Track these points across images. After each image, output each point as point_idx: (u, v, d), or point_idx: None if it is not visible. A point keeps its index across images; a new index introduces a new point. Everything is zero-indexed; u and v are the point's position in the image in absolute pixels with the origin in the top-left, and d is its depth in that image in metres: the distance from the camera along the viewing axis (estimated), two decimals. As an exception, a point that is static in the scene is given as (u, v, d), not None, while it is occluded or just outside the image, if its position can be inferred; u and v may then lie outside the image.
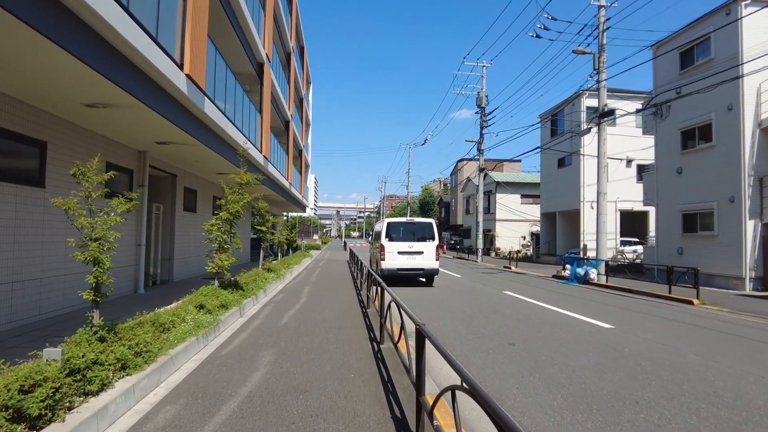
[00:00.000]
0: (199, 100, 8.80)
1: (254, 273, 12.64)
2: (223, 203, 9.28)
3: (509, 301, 11.70)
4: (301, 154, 32.08)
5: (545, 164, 30.99)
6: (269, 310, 9.47)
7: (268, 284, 12.27)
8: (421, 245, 14.43)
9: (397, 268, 14.28)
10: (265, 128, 16.13)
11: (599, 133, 17.48)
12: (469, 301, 11.70)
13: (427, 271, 14.46)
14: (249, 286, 10.62)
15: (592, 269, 16.98)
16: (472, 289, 14.49)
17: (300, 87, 29.68)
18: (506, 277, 19.50)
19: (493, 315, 9.60)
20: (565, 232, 28.83)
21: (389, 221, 14.77)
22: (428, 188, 77.09)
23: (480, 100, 30.84)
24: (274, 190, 20.25)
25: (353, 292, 12.70)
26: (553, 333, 7.92)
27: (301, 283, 14.61)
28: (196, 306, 7.39)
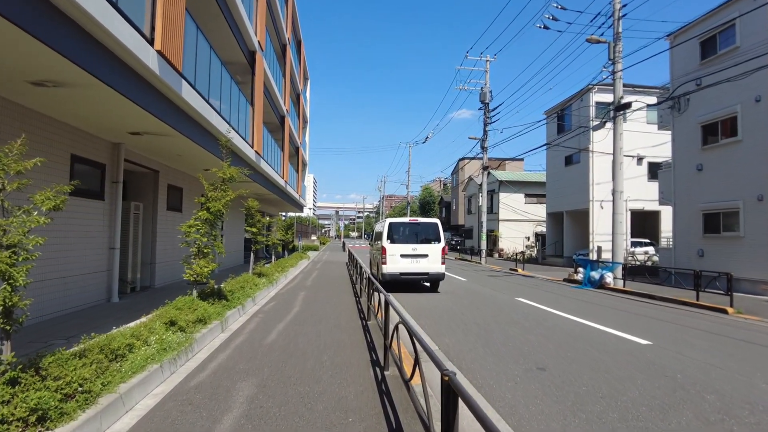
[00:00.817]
0: (176, 83, 7.65)
1: (243, 279, 11.50)
2: (203, 201, 8.13)
3: (525, 310, 10.57)
4: (298, 152, 30.93)
5: (551, 162, 29.87)
6: (256, 323, 8.32)
7: (258, 291, 11.13)
8: (426, 247, 13.30)
9: (399, 272, 13.14)
10: (257, 122, 14.99)
11: (615, 128, 16.36)
12: (481, 309, 10.56)
13: (433, 276, 13.33)
14: (235, 294, 9.47)
15: (607, 273, 15.86)
16: (481, 295, 13.36)
17: (296, 82, 28.54)
18: (514, 280, 18.38)
19: (511, 327, 8.46)
20: (572, 232, 27.72)
21: (391, 221, 13.63)
22: (428, 188, 75.98)
23: (484, 95, 29.73)
24: (268, 188, 19.10)
25: (352, 298, 11.56)
26: (585, 352, 6.79)
27: (296, 289, 13.46)
28: (166, 322, 6.25)
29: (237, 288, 10.27)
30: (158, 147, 10.47)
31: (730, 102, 15.37)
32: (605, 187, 25.23)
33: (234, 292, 9.61)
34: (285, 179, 22.38)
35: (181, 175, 13.93)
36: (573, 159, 27.21)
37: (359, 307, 10.21)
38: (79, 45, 5.26)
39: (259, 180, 16.64)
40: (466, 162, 51.12)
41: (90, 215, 9.11)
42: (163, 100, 7.81)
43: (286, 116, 22.74)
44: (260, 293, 11.25)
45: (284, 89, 22.65)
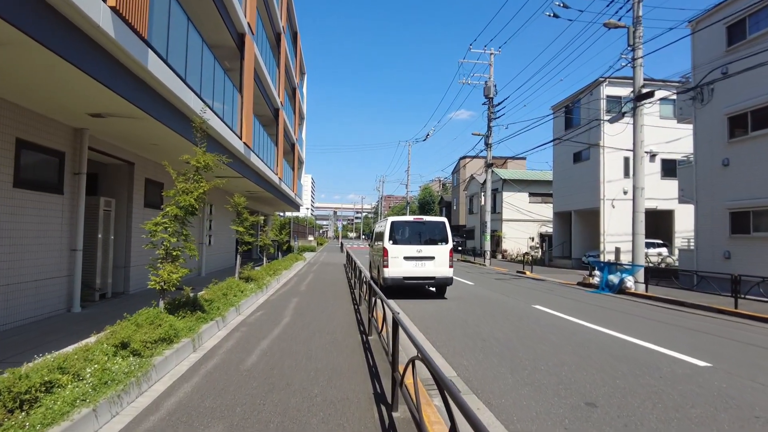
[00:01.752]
0: (139, 52, 6.36)
1: (227, 284, 10.19)
2: (171, 194, 6.83)
3: (547, 321, 9.29)
4: (294, 149, 29.63)
5: (558, 159, 28.63)
6: (237, 339, 7.02)
7: (244, 298, 9.83)
8: (432, 249, 12.02)
9: (402, 276, 11.85)
10: (246, 111, 13.69)
11: (635, 119, 15.12)
12: (497, 320, 9.28)
13: (439, 281, 12.04)
14: (214, 304, 8.17)
15: (628, 276, 14.60)
16: (494, 301, 12.08)
17: (292, 75, 27.25)
18: (525, 284, 17.11)
19: (538, 345, 7.18)
20: (581, 233, 26.47)
21: (393, 220, 12.34)
22: (428, 188, 74.74)
23: (488, 89, 28.50)
24: (260, 184, 17.80)
25: (350, 306, 10.28)
26: (636, 378, 5.52)
27: (288, 295, 12.17)
28: (116, 344, 4.96)
29: (218, 296, 8.98)
30: (129, 134, 9.17)
31: (762, 90, 14.14)
32: (617, 185, 24.04)
33: (213, 301, 8.31)
34: (279, 176, 21.08)
35: (160, 168, 12.60)
36: (582, 156, 25.97)
37: (358, 318, 8.92)
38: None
39: (250, 175, 15.34)
40: (467, 161, 49.90)
41: (46, 212, 7.81)
42: (125, 73, 6.52)
43: (280, 109, 21.44)
44: (246, 301, 9.95)
45: (278, 81, 21.35)
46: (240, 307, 9.27)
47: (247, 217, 11.18)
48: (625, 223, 23.84)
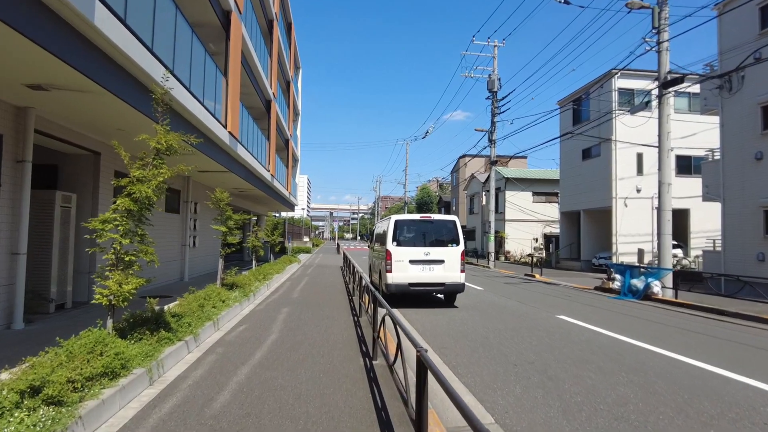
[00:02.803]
0: (83, 3, 4.94)
1: (205, 293, 8.76)
2: (124, 183, 5.40)
3: (581, 336, 7.90)
4: (288, 146, 28.19)
5: (566, 157, 27.32)
6: (209, 366, 5.60)
7: (225, 310, 8.40)
8: (441, 251, 10.62)
9: (408, 282, 10.45)
10: (232, 98, 12.26)
11: (661, 109, 13.78)
12: (523, 335, 7.89)
13: (450, 287, 10.64)
14: (185, 319, 6.74)
15: (654, 281, 13.24)
16: (511, 311, 10.70)
17: (286, 67, 25.82)
18: (538, 289, 15.74)
19: (584, 371, 5.78)
20: (591, 233, 25.15)
21: (397, 219, 10.92)
22: (426, 188, 73.41)
23: (491, 83, 27.17)
24: (250, 181, 16.36)
25: (348, 318, 8.86)
26: (734, 422, 4.14)
27: (278, 304, 10.74)
28: (24, 389, 3.53)
29: (193, 308, 7.54)
30: (86, 115, 7.73)
31: (802, 76, 12.85)
32: (629, 182, 22.76)
33: (185, 316, 6.88)
34: (272, 173, 19.65)
35: (135, 160, 11.14)
36: (592, 152, 24.67)
37: (359, 334, 7.51)
38: None
39: (237, 170, 13.90)
40: (467, 160, 48.60)
41: (-24, 207, 6.37)
42: (67, 30, 5.10)
43: (272, 101, 20.01)
44: (228, 312, 8.51)
45: (271, 71, 19.93)
46: (219, 321, 7.84)
47: (231, 215, 9.75)
48: (639, 222, 22.58)
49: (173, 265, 14.01)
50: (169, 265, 13.58)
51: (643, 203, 22.79)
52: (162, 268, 12.88)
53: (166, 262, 13.38)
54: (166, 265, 13.39)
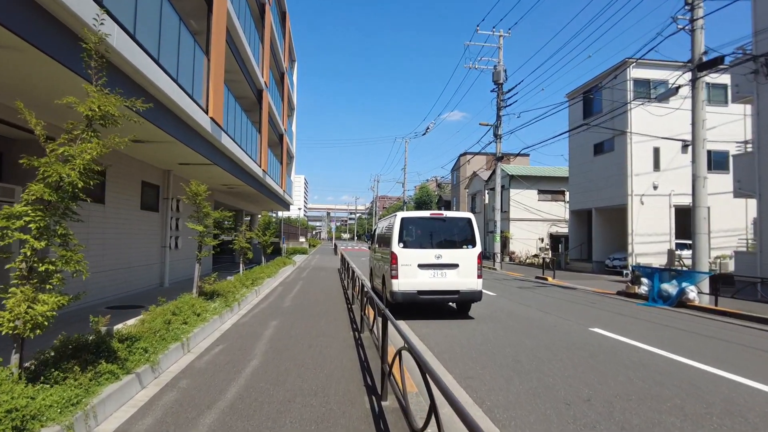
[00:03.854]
0: None
1: (175, 305, 7.29)
2: (39, 164, 3.92)
3: (634, 357, 6.47)
4: (282, 141, 26.72)
5: (576, 152, 25.93)
6: (162, 413, 4.14)
7: (199, 326, 6.95)
8: (455, 254, 9.18)
9: (417, 290, 9.00)
10: (215, 79, 10.79)
11: (695, 95, 12.39)
12: (561, 357, 6.45)
13: (465, 296, 9.20)
14: (139, 344, 5.25)
15: (690, 286, 11.84)
16: (536, 322, 9.26)
17: (279, 57, 24.34)
18: (555, 294, 14.33)
19: (660, 412, 4.35)
20: (603, 233, 23.75)
21: (404, 216, 9.46)
22: (425, 187, 72.05)
23: (497, 74, 25.78)
24: (239, 176, 14.89)
25: (348, 334, 7.42)
26: None
27: (265, 316, 9.28)
28: None
29: (157, 326, 6.07)
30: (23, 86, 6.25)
31: None
32: (646, 178, 21.38)
33: (142, 339, 5.40)
34: (263, 168, 18.17)
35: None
36: (604, 146, 23.27)
37: (361, 358, 6.06)
38: None
39: (221, 162, 12.43)
40: (468, 158, 47.22)
41: None
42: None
43: (264, 91, 18.53)
44: (203, 329, 7.05)
45: (262, 58, 18.46)
46: (190, 341, 6.37)
47: (209, 212, 8.27)
48: (656, 221, 21.22)
49: (151, 269, 12.53)
50: (145, 269, 12.10)
51: (660, 201, 21.42)
52: (137, 273, 11.43)
53: (142, 266, 11.91)
54: (142, 269, 11.91)
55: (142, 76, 6.66)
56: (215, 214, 8.34)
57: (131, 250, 11.19)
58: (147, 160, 11.67)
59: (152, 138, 9.00)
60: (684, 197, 21.60)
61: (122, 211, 10.67)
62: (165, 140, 9.20)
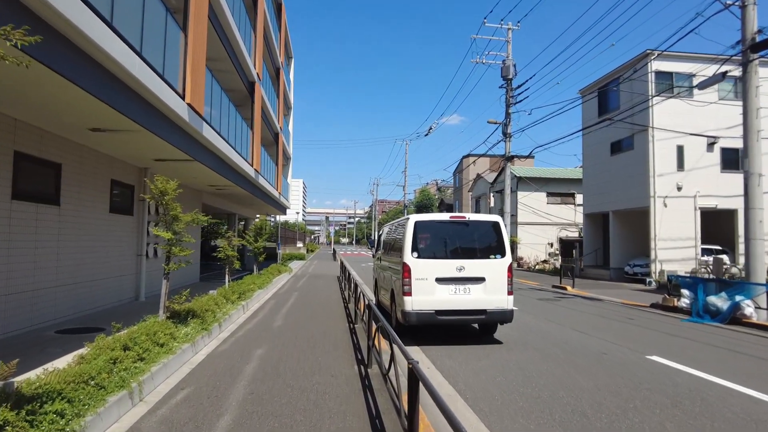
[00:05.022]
0: None
1: (132, 335, 5.67)
2: None
3: (736, 406, 4.89)
4: (278, 140, 25.14)
5: (590, 151, 24.41)
6: None
7: (161, 361, 5.36)
8: (481, 265, 7.60)
9: (435, 309, 7.39)
10: (194, 61, 9.21)
11: (747, 79, 10.86)
12: (635, 403, 4.87)
13: (493, 316, 7.60)
14: (54, 405, 3.63)
15: (745, 300, 10.26)
16: (579, 348, 7.67)
17: (275, 49, 22.82)
18: (581, 307, 12.76)
19: None
20: (621, 237, 22.18)
21: (419, 220, 7.85)
22: (425, 190, 70.61)
23: (506, 69, 24.27)
24: (227, 176, 13.29)
25: (352, 370, 5.82)
26: None
27: (250, 341, 7.67)
28: None
29: (98, 366, 4.48)
30: None
31: None
32: (670, 179, 19.85)
33: (58, 397, 3.79)
34: (255, 167, 16.58)
35: (59, 140, 8.07)
36: (623, 145, 21.73)
37: (371, 410, 4.46)
38: None
39: (204, 158, 10.84)
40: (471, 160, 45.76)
41: None
42: None
43: (257, 84, 16.97)
44: (164, 366, 5.44)
45: (255, 49, 16.92)
46: (143, 387, 4.77)
47: (178, 215, 6.67)
48: (680, 225, 19.69)
49: (123, 282, 10.92)
50: (116, 282, 10.49)
51: (684, 203, 19.87)
52: (104, 287, 9.84)
53: (112, 279, 10.29)
54: (112, 282, 10.30)
55: (83, 36, 5.08)
56: (186, 218, 6.75)
57: (97, 259, 9.58)
58: (117, 154, 10.08)
59: (114, 125, 7.42)
60: (710, 199, 20.10)
61: (85, 214, 9.06)
62: (130, 128, 7.62)
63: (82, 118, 7.11)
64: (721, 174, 20.17)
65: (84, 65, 5.50)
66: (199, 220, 7.04)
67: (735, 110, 19.53)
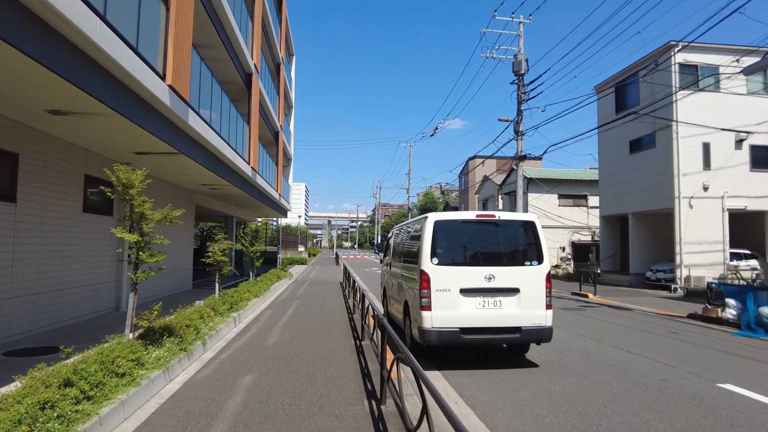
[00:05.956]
0: None
1: (78, 364, 4.44)
2: None
3: None
4: (278, 140, 23.99)
5: (607, 150, 23.17)
6: None
7: (114, 399, 4.14)
8: (514, 274, 6.36)
9: (459, 326, 6.15)
10: (177, 37, 8.03)
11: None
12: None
13: (530, 335, 6.35)
14: None
15: (807, 312, 8.99)
16: (630, 372, 6.43)
17: (274, 42, 21.70)
18: (611, 318, 11.51)
19: None
20: (642, 241, 20.89)
21: (439, 219, 6.57)
22: (429, 193, 69.44)
23: (518, 64, 22.98)
24: (221, 174, 12.12)
25: (361, 407, 4.60)
26: None
27: (237, 365, 6.44)
28: None
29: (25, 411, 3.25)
30: None
31: None
32: (694, 179, 18.59)
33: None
34: (253, 166, 15.39)
35: (8, 125, 6.88)
36: (643, 143, 20.49)
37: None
38: None
39: (192, 152, 9.65)
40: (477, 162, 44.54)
41: None
42: None
43: (254, 76, 15.81)
44: (120, 404, 4.22)
45: (252, 39, 15.79)
46: (82, 440, 3.54)
47: (144, 212, 5.44)
48: (707, 227, 18.40)
49: (101, 290, 9.72)
50: (91, 291, 9.29)
51: (711, 204, 18.60)
52: (76, 297, 8.66)
53: (86, 287, 9.10)
54: (86, 291, 9.11)
55: None
56: (157, 216, 5.55)
57: (66, 266, 8.39)
58: (91, 146, 8.90)
59: (75, 106, 6.24)
60: (739, 200, 18.82)
61: (51, 214, 7.88)
62: (97, 111, 6.44)
63: (35, 96, 5.92)
64: (750, 173, 18.91)
65: (22, 20, 4.32)
66: (172, 218, 5.81)
67: (765, 104, 18.33)
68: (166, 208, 5.82)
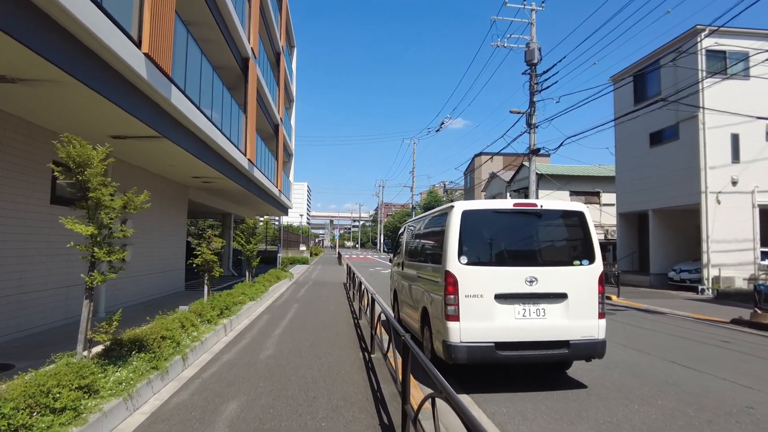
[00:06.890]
0: None
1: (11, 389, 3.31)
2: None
3: None
4: (278, 133, 22.85)
5: (624, 143, 21.97)
6: None
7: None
8: (560, 275, 5.21)
9: (494, 340, 5.00)
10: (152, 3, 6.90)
11: None
12: None
13: (580, 350, 5.18)
14: None
15: None
16: (701, 396, 5.30)
17: (273, 29, 20.56)
18: (646, 324, 10.37)
19: None
20: (664, 239, 19.69)
21: (468, 209, 5.39)
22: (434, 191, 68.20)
23: (530, 54, 21.77)
24: (214, 164, 11.00)
25: None
26: None
27: (222, 387, 5.31)
28: None
29: None
30: None
31: None
32: (721, 173, 17.38)
33: None
34: (250, 158, 14.26)
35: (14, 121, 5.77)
36: (664, 135, 19.30)
37: None
38: None
39: (178, 137, 8.52)
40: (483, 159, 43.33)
41: None
42: None
43: (251, 61, 14.66)
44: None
45: (249, 20, 14.67)
46: None
47: (103, 200, 4.29)
48: (735, 225, 17.19)
49: (74, 293, 8.58)
50: (60, 294, 8.17)
51: (740, 200, 17.39)
52: (41, 302, 7.58)
53: (54, 290, 7.98)
54: (54, 295, 7.99)
55: None
56: (116, 203, 4.42)
57: (28, 265, 7.27)
58: (58, 128, 7.75)
59: (23, 71, 5.12)
60: (768, 195, 17.61)
61: (6, 206, 6.76)
62: (52, 78, 5.33)
63: None
64: (781, 165, 17.68)
65: None
66: (136, 205, 4.66)
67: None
68: (130, 192, 4.67)
